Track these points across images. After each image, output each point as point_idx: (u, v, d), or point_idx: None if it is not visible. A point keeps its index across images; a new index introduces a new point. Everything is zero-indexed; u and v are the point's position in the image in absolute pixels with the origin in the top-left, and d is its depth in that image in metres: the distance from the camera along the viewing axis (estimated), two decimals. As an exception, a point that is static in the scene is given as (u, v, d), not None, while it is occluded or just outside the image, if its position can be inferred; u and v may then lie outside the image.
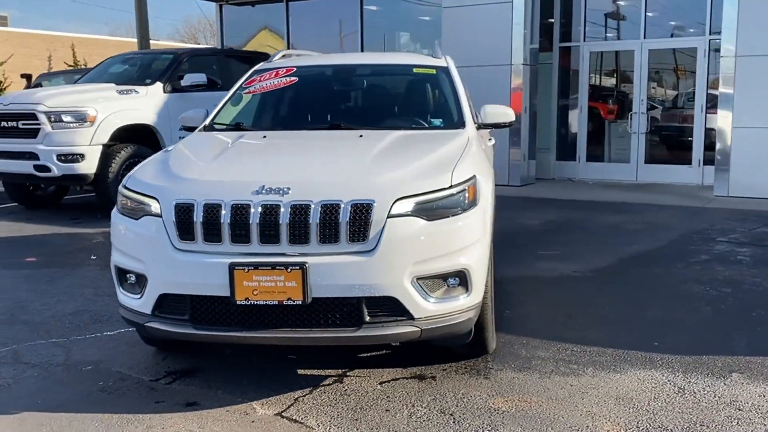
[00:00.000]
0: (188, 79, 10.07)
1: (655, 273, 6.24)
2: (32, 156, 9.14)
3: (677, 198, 10.63)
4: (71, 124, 9.16)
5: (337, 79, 5.35)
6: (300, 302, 3.41)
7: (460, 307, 3.66)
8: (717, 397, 3.69)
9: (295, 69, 5.27)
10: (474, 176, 3.79)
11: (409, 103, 5.16)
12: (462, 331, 3.76)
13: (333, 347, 4.25)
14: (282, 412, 3.63)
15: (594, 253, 6.99)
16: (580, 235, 8.05)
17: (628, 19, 12.95)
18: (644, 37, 12.50)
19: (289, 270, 3.40)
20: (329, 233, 3.43)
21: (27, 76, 15.35)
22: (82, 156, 9.11)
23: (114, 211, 3.90)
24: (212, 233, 3.49)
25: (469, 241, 3.67)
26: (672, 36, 12.66)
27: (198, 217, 3.49)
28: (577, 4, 13.01)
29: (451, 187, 3.63)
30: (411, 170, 3.70)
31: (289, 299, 3.42)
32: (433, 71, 5.16)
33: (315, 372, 4.12)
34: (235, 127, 4.80)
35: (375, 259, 3.43)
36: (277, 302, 3.42)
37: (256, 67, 5.47)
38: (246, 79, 5.30)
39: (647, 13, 12.46)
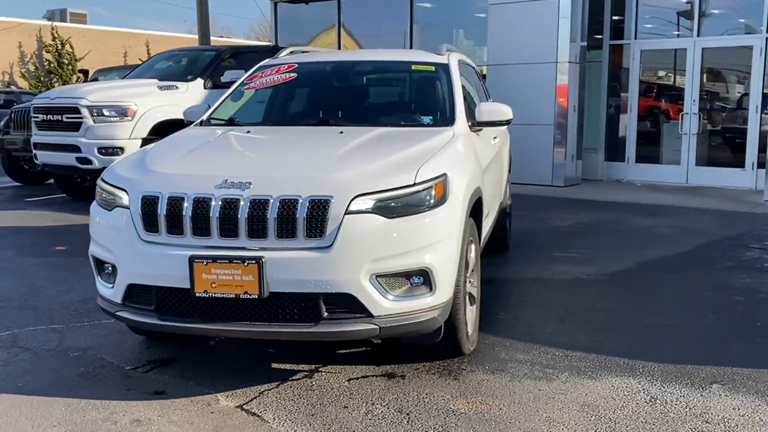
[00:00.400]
0: (228, 76, 10.22)
1: (671, 278, 6.03)
2: (75, 148, 9.47)
3: (723, 202, 10.25)
4: (112, 118, 9.44)
5: (334, 76, 5.36)
6: (256, 296, 3.44)
7: (423, 305, 3.62)
8: (688, 409, 3.54)
9: (296, 65, 5.31)
10: (444, 174, 3.74)
11: (402, 100, 5.13)
12: (426, 330, 3.72)
13: (312, 342, 4.28)
14: (243, 404, 3.66)
15: (614, 256, 6.81)
16: (607, 237, 7.85)
17: (682, 16, 12.54)
18: (698, 35, 12.09)
19: (245, 264, 3.43)
20: (286, 228, 3.45)
21: (84, 72, 15.91)
22: (122, 149, 9.37)
23: (93, 203, 4.01)
24: (175, 226, 3.55)
25: (434, 239, 3.62)
26: (727, 34, 12.19)
27: (162, 209, 3.56)
28: (630, 1, 12.67)
29: (414, 184, 3.59)
30: (375, 167, 3.68)
31: (245, 293, 3.45)
32: (432, 68, 5.11)
33: (288, 366, 4.14)
34: (229, 122, 4.86)
35: (331, 255, 3.43)
36: (234, 296, 3.46)
37: (260, 64, 5.53)
38: (249, 75, 5.37)
39: (701, 11, 12.04)
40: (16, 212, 9.67)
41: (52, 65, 38.49)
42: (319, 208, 3.44)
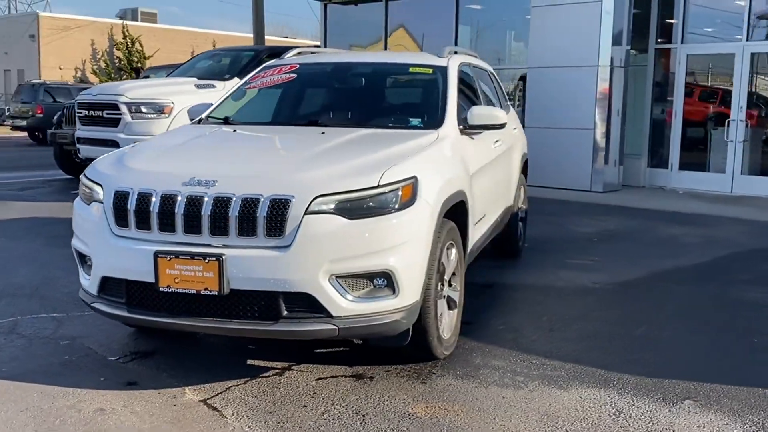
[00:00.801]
0: (263, 75, 10.38)
1: (679, 290, 5.87)
2: (114, 144, 9.73)
3: (764, 213, 9.88)
4: (149, 115, 9.71)
5: (331, 78, 5.39)
6: (216, 293, 3.50)
7: (386, 308, 3.62)
8: (651, 424, 3.45)
9: (298, 66, 5.36)
10: (413, 177, 3.73)
11: (395, 102, 5.13)
12: (390, 332, 3.72)
13: (289, 340, 4.32)
14: (208, 398, 3.73)
15: (629, 264, 6.65)
16: (628, 245, 7.67)
17: (730, 20, 12.15)
18: (747, 40, 11.69)
19: (206, 261, 3.49)
20: (247, 227, 3.50)
21: (136, 69, 16.36)
22: (157, 145, 9.61)
23: (77, 198, 4.14)
24: (143, 221, 3.64)
25: (399, 242, 3.62)
26: (777, 38, 11.77)
27: (132, 205, 3.65)
28: (677, 5, 12.34)
29: (377, 186, 3.59)
30: (341, 169, 3.69)
31: (206, 289, 3.51)
32: (430, 71, 5.09)
33: (263, 363, 4.19)
34: (224, 121, 4.95)
35: (290, 254, 3.46)
36: (195, 291, 3.52)
37: (266, 64, 5.61)
38: (252, 75, 5.45)
39: (751, 14, 11.64)
40: (59, 204, 10.00)
41: (122, 62, 39.77)
42: (279, 208, 3.48)
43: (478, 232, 4.99)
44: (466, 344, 4.47)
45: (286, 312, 3.54)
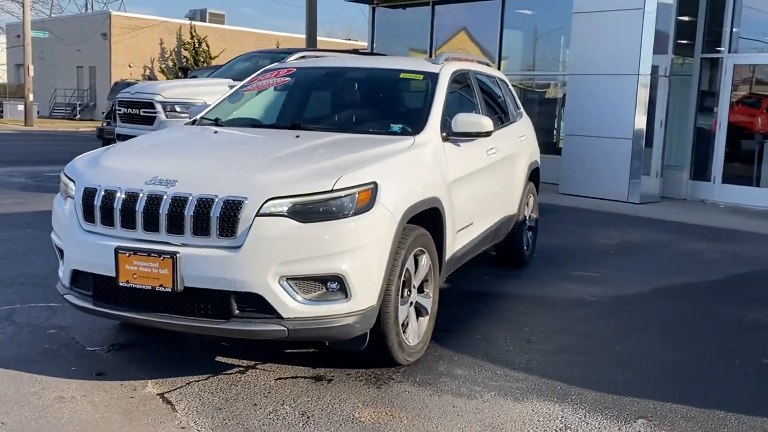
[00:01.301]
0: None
1: (678, 306, 5.73)
2: (148, 141, 10.05)
3: (804, 230, 9.51)
4: (182, 114, 9.94)
5: (323, 82, 5.44)
6: (170, 290, 3.59)
7: (337, 311, 3.66)
8: (595, 441, 3.39)
9: (294, 70, 5.44)
10: (372, 183, 3.75)
11: (380, 107, 5.12)
12: (343, 336, 3.75)
13: (259, 340, 4.38)
14: (165, 392, 3.82)
15: (636, 279, 6.51)
16: (643, 259, 7.50)
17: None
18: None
19: (161, 258, 3.59)
20: (201, 226, 3.58)
21: (184, 70, 16.78)
22: (189, 144, 9.86)
23: (58, 193, 4.31)
24: (107, 217, 3.77)
25: (353, 246, 3.65)
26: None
27: (98, 201, 3.78)
28: (726, 12, 11.98)
29: (332, 191, 3.62)
30: (299, 172, 3.74)
31: (161, 286, 3.61)
32: (420, 77, 5.10)
33: (230, 361, 4.28)
34: (214, 122, 5.05)
35: (241, 255, 3.53)
36: (151, 287, 3.63)
37: (267, 67, 5.70)
38: (251, 78, 5.55)
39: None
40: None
41: (188, 62, 40.81)
42: (232, 209, 3.55)
43: (462, 239, 4.96)
44: (436, 351, 4.47)
45: (237, 311, 3.61)
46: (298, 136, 4.42)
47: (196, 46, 41.46)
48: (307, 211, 3.59)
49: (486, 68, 6.27)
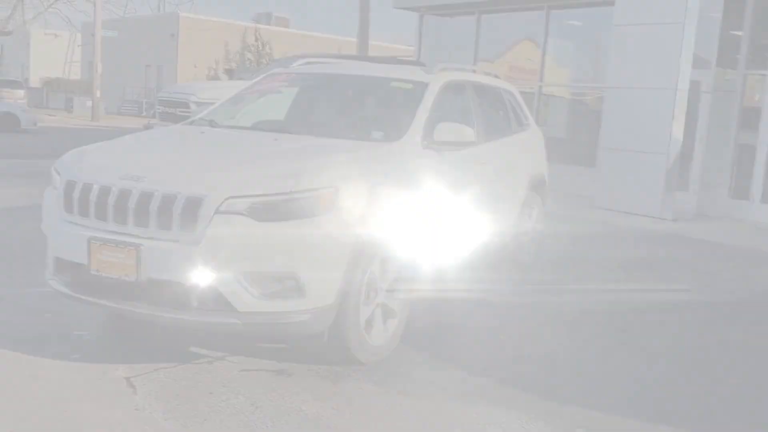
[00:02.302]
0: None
1: (669, 320, 5.70)
2: (183, 140, 10.41)
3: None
4: (215, 115, 10.27)
5: (315, 88, 5.60)
6: (134, 280, 3.81)
7: (291, 308, 3.82)
8: (527, 447, 3.46)
9: (294, 75, 5.63)
10: (334, 186, 3.89)
11: (365, 113, 5.26)
12: (297, 332, 3.91)
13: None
14: (132, 377, 4.03)
15: (634, 296, 6.46)
16: (645, 274, 7.41)
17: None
18: None
19: (127, 249, 3.81)
20: (164, 221, 3.79)
21: (229, 70, 17.24)
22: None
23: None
24: (84, 209, 4.01)
25: (309, 246, 3.81)
26: None
27: (77, 193, 4.03)
28: (772, 28, 11.71)
29: (292, 192, 3.78)
30: (262, 172, 3.92)
31: (126, 275, 3.83)
32: (410, 86, 5.22)
33: (203, 351, 4.46)
34: (209, 123, 5.27)
35: (199, 250, 3.73)
36: (116, 277, 3.85)
37: (270, 72, 5.90)
38: (254, 81, 5.76)
39: None
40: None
41: (251, 64, 41.68)
42: (192, 205, 3.75)
43: (443, 245, 5.05)
44: (405, 353, 4.56)
45: (195, 303, 3.80)
46: (276, 139, 4.59)
47: (260, 48, 42.34)
48: (266, 211, 3.76)
49: (490, 79, 6.34)
